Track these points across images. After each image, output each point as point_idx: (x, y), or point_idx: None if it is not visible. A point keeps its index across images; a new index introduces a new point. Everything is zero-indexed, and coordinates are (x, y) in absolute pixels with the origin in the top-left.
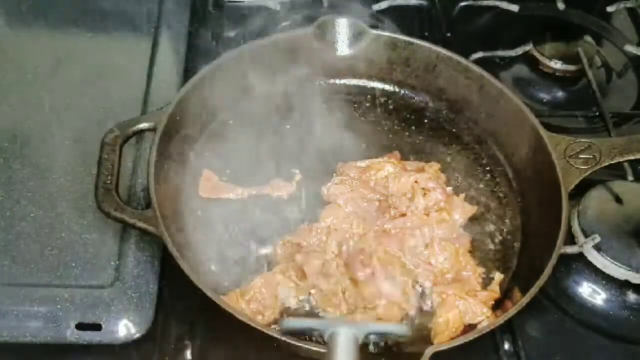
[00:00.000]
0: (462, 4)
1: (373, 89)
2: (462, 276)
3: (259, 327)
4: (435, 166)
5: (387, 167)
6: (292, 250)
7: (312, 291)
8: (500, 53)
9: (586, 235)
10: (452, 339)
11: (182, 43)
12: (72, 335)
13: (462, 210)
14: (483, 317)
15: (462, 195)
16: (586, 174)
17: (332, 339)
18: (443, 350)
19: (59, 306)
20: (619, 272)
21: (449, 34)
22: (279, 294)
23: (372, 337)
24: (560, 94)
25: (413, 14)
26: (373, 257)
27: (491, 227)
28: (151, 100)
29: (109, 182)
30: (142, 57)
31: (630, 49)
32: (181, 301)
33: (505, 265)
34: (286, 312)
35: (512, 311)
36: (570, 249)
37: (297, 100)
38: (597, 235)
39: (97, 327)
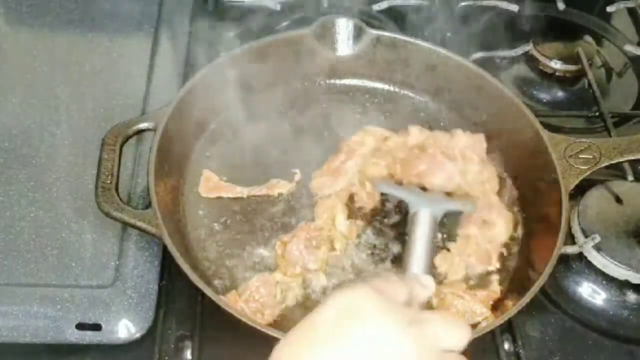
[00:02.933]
0: (462, 4)
1: (373, 89)
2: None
3: (258, 327)
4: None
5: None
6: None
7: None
8: (500, 53)
9: (586, 235)
10: None
11: (182, 43)
12: (72, 335)
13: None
14: (482, 318)
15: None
16: (586, 174)
17: (413, 218)
18: None
19: (59, 306)
20: (619, 272)
21: (449, 34)
22: (279, 294)
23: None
24: (560, 94)
25: (413, 14)
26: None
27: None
28: (151, 100)
29: (109, 182)
30: (142, 57)
31: (630, 49)
32: (181, 301)
33: (505, 265)
34: (287, 311)
35: (512, 311)
36: (570, 249)
37: (297, 100)
38: (597, 235)
39: (97, 327)
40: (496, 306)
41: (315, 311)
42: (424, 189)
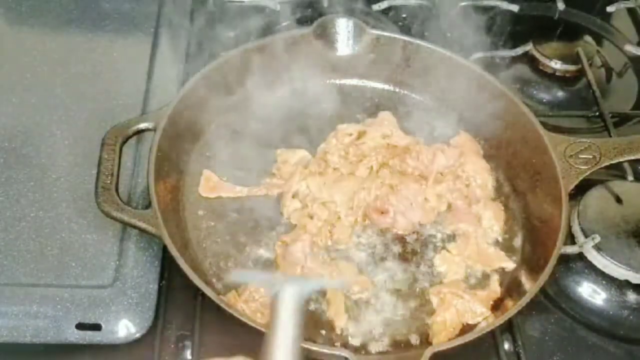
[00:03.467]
0: (462, 4)
1: (373, 89)
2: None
3: (258, 327)
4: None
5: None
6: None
7: None
8: (500, 53)
9: (586, 235)
10: (451, 339)
11: (182, 43)
12: (72, 335)
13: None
14: (482, 318)
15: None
16: (586, 174)
17: (276, 298)
18: (442, 350)
19: (59, 306)
20: (619, 272)
21: (449, 34)
22: None
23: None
24: (560, 94)
25: (413, 14)
26: (389, 196)
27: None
28: (151, 100)
29: (109, 182)
30: (142, 57)
31: (630, 49)
32: (181, 301)
33: (505, 264)
34: None
35: (512, 311)
36: (570, 249)
37: (297, 100)
38: (597, 235)
39: (97, 327)
40: (496, 306)
41: None
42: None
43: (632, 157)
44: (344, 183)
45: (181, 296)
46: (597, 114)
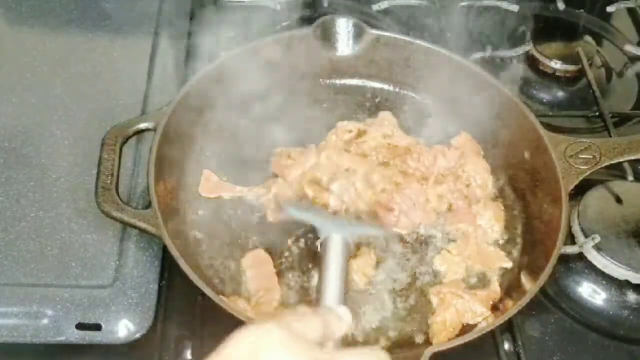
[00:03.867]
0: (462, 4)
1: (373, 89)
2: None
3: None
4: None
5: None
6: None
7: None
8: (500, 53)
9: (586, 235)
10: (450, 339)
11: (182, 43)
12: (72, 335)
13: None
14: (482, 318)
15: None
16: (586, 174)
17: (325, 243)
18: (442, 350)
19: (59, 306)
20: (619, 272)
21: (449, 34)
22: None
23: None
24: (560, 94)
25: (413, 14)
26: (394, 195)
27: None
28: (151, 100)
29: (109, 182)
30: (142, 57)
31: (630, 49)
32: (181, 301)
33: (505, 265)
34: (286, 308)
35: (512, 311)
36: (570, 249)
37: (297, 100)
38: (597, 235)
39: (97, 327)
40: (496, 306)
41: (219, 350)
42: None
43: (632, 157)
44: (358, 158)
45: (181, 296)
46: (597, 114)
